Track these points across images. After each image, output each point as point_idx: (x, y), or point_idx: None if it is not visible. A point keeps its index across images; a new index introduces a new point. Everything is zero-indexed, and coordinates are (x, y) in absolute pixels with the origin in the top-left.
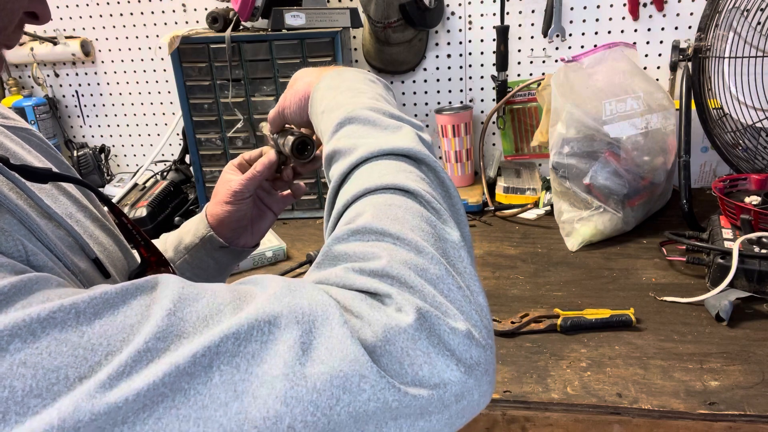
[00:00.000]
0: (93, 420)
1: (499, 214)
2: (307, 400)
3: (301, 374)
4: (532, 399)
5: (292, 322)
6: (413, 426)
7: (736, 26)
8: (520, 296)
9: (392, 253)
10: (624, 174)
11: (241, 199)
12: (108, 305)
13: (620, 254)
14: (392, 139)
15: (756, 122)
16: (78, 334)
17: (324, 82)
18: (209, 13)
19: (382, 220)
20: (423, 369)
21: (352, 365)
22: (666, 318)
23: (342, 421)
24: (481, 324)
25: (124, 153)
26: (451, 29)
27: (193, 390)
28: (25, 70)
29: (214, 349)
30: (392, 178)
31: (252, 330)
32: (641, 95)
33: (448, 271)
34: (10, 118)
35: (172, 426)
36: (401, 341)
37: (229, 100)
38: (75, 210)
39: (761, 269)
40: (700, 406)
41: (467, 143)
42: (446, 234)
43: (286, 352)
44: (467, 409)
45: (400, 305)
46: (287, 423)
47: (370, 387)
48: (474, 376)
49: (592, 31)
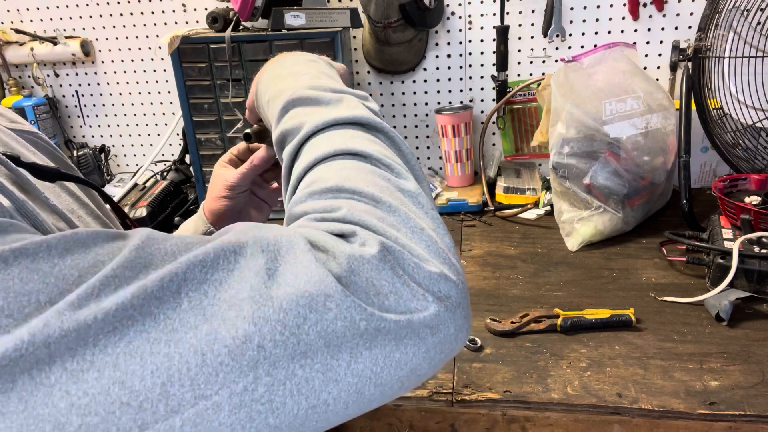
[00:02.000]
0: (63, 336)
1: (499, 214)
2: (275, 320)
3: (267, 296)
4: (532, 399)
5: (257, 250)
6: (389, 357)
7: (736, 26)
8: (520, 296)
9: (351, 204)
10: (624, 174)
11: (238, 193)
12: (80, 243)
13: (620, 254)
14: (335, 110)
15: (756, 122)
16: (50, 265)
17: (266, 74)
18: (209, 13)
19: (336, 180)
20: (389, 298)
21: (317, 286)
22: (666, 318)
23: (312, 341)
24: (449, 261)
25: (124, 153)
26: (451, 29)
27: (162, 315)
28: (25, 70)
29: (181, 275)
30: (340, 145)
31: (218, 258)
32: (641, 95)
33: (408, 216)
34: (16, 122)
35: (143, 348)
36: (366, 271)
37: (229, 100)
38: (77, 207)
39: (761, 269)
40: (700, 406)
41: (467, 143)
42: (402, 185)
43: (252, 278)
44: (445, 343)
45: (364, 240)
46: (257, 342)
47: (336, 306)
48: (446, 308)
49: (592, 31)
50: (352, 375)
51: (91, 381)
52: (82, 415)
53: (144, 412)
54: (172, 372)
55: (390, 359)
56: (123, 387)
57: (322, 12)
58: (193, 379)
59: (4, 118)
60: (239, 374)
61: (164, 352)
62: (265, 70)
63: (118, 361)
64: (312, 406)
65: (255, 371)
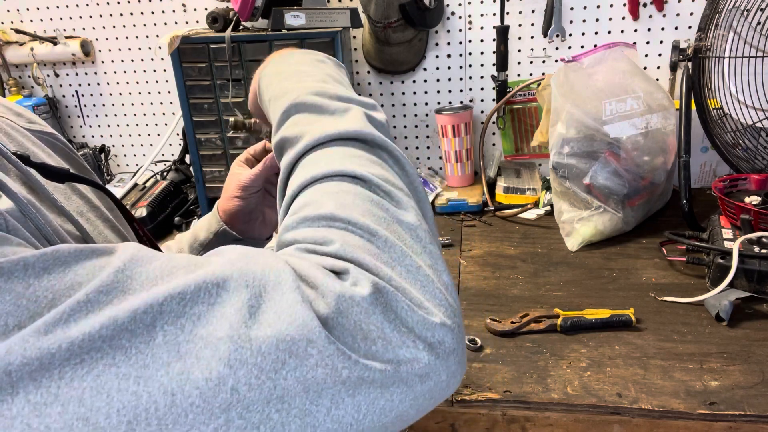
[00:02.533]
0: (25, 364)
1: (499, 214)
2: (251, 363)
3: (246, 336)
4: (532, 399)
5: (242, 285)
6: (373, 404)
7: (736, 26)
8: (520, 296)
9: (345, 238)
10: (624, 174)
11: (251, 193)
12: (59, 263)
13: (620, 254)
14: (339, 122)
15: (756, 122)
16: (23, 286)
17: (269, 68)
18: (209, 13)
19: (331, 207)
20: (377, 344)
21: (300, 330)
22: (666, 318)
23: (290, 387)
24: (446, 303)
25: (124, 153)
26: (451, 29)
27: (134, 349)
28: (25, 70)
29: (157, 308)
30: (339, 165)
31: (199, 291)
32: (641, 95)
33: (404, 252)
34: (35, 123)
35: (111, 384)
36: (354, 314)
37: (229, 100)
38: (86, 209)
39: (761, 269)
40: (700, 406)
41: (467, 143)
42: (401, 216)
43: (232, 315)
44: (435, 390)
45: (357, 280)
46: (230, 385)
47: (318, 352)
48: (439, 356)
49: (592, 31)
50: (331, 421)
51: (53, 416)
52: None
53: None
54: (139, 411)
55: (374, 407)
56: (87, 424)
57: (322, 12)
58: (161, 419)
59: (23, 119)
60: (210, 416)
61: (132, 389)
62: (268, 63)
63: (84, 396)
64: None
65: (227, 414)
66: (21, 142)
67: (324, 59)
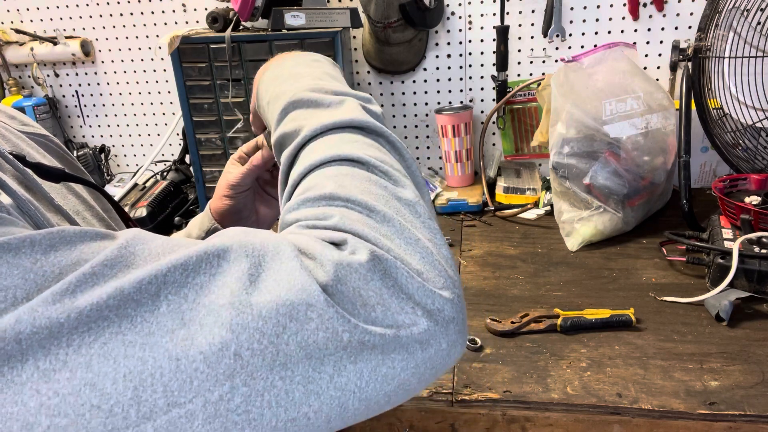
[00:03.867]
0: (34, 332)
1: (499, 214)
2: (253, 327)
3: (247, 302)
4: (532, 399)
5: (242, 255)
6: (375, 371)
7: (736, 26)
8: (520, 296)
9: (344, 213)
10: (624, 174)
11: (239, 192)
12: (65, 241)
13: (620, 254)
14: (335, 113)
15: (756, 122)
16: (31, 261)
17: (267, 74)
18: (209, 13)
19: (330, 188)
20: (376, 310)
21: (299, 294)
22: (666, 318)
23: (291, 352)
24: (446, 274)
25: (124, 153)
26: (451, 29)
27: (140, 317)
28: (25, 70)
29: (161, 278)
30: (336, 150)
31: (201, 262)
32: (641, 95)
33: (403, 226)
34: (28, 125)
35: (117, 350)
36: (353, 280)
37: (229, 100)
38: (83, 209)
39: (761, 269)
40: (700, 406)
41: (467, 143)
42: (399, 193)
43: (233, 283)
44: (436, 359)
45: (355, 248)
46: (233, 350)
47: (318, 316)
48: (438, 323)
49: (592, 31)
50: (335, 388)
51: (62, 381)
52: (51, 416)
53: (114, 416)
54: (144, 376)
55: (376, 373)
56: (94, 389)
57: (322, 12)
58: (166, 385)
59: (17, 121)
60: (215, 383)
61: (138, 355)
62: (265, 70)
63: (92, 363)
64: (291, 419)
65: (232, 380)
66: (16, 143)
67: (319, 58)
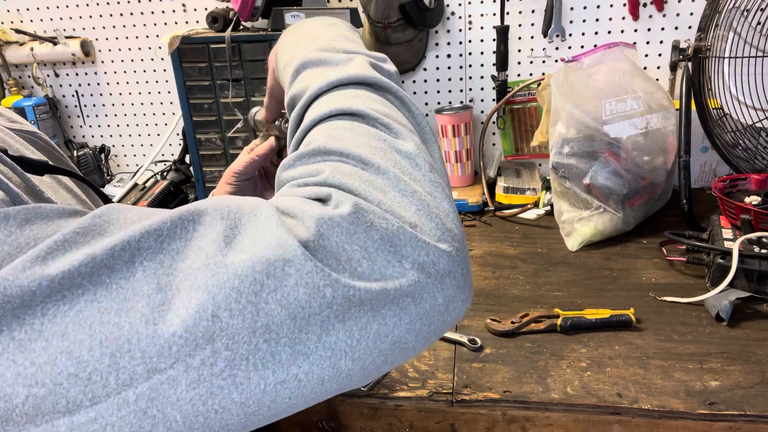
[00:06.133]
0: (6, 302)
1: (499, 214)
2: (229, 287)
3: (222, 263)
4: (532, 399)
5: (217, 218)
6: (365, 329)
7: (736, 26)
8: (520, 296)
9: (335, 167)
10: (624, 174)
11: (242, 180)
12: (41, 216)
13: (620, 254)
14: (342, 70)
15: (756, 122)
16: (5, 233)
17: (284, 40)
18: (209, 13)
19: (326, 142)
20: (362, 264)
21: (276, 250)
22: (666, 318)
23: (273, 311)
24: (444, 227)
25: (124, 153)
26: (451, 29)
27: (114, 284)
28: (25, 70)
29: (134, 244)
30: (336, 105)
31: (175, 227)
32: (641, 95)
33: (399, 178)
34: (16, 122)
35: (93, 318)
36: (335, 235)
37: (229, 100)
38: (74, 203)
39: (761, 269)
40: (700, 406)
41: (467, 143)
42: (399, 146)
43: (208, 246)
44: (432, 314)
45: (338, 202)
46: (210, 311)
47: (296, 271)
48: (431, 276)
49: (592, 31)
50: (324, 348)
51: (38, 350)
52: (28, 386)
53: (93, 384)
54: (121, 342)
55: (366, 331)
56: (70, 357)
57: (322, 12)
58: (144, 351)
59: (4, 118)
60: (194, 347)
61: (114, 321)
62: (283, 38)
63: (67, 331)
64: (281, 381)
65: (212, 344)
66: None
67: (336, 22)
